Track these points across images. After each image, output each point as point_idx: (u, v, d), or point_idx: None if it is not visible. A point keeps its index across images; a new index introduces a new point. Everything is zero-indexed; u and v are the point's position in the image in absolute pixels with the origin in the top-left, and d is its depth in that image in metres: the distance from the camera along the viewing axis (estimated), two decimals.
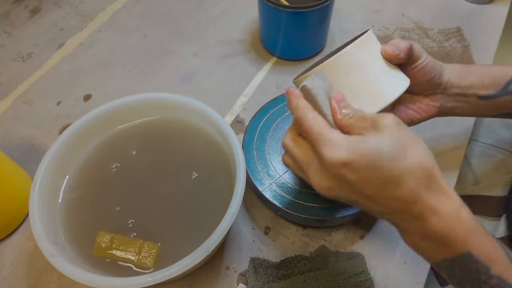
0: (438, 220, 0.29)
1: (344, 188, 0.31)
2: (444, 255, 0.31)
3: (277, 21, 0.59)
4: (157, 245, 0.40)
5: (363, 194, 0.31)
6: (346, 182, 0.30)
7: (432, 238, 0.30)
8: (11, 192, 0.47)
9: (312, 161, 0.32)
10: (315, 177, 0.32)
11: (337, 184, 0.31)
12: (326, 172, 0.31)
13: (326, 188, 0.32)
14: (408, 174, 0.29)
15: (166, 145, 0.48)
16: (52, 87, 0.63)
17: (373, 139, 0.30)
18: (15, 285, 0.45)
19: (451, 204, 0.30)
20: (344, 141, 0.30)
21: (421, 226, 0.30)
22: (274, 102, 0.53)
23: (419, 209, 0.30)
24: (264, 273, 0.44)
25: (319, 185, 0.32)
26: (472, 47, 0.67)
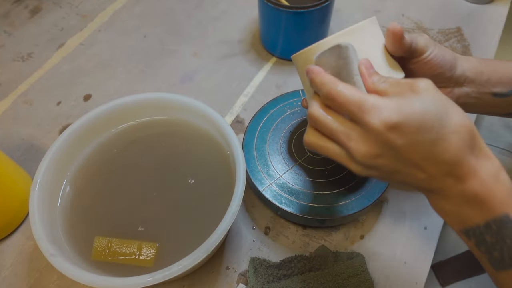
0: (478, 182, 0.29)
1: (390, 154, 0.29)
2: (477, 220, 0.30)
3: (277, 21, 0.59)
4: (156, 245, 0.40)
5: (410, 159, 0.29)
6: (394, 146, 0.28)
7: (468, 201, 0.30)
8: (11, 192, 0.47)
9: (352, 131, 0.30)
10: (357, 146, 0.29)
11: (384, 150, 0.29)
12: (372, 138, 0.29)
13: (370, 157, 0.29)
14: (455, 135, 0.29)
15: (166, 145, 0.48)
16: (52, 87, 0.63)
17: (418, 101, 0.28)
18: (15, 285, 0.45)
19: (491, 165, 0.29)
20: (389, 104, 0.28)
21: (460, 189, 0.30)
22: (274, 102, 0.53)
23: (462, 171, 0.29)
24: (264, 273, 0.44)
25: (363, 155, 0.29)
26: (472, 47, 0.67)
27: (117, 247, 0.40)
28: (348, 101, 0.29)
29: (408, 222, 0.49)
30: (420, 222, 0.49)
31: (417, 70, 0.39)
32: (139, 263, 0.39)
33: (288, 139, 0.50)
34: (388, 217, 0.50)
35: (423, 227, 0.49)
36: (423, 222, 0.49)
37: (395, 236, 0.48)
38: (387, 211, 0.50)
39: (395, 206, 0.50)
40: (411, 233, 0.48)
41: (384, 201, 0.51)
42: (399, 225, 0.49)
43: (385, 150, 0.29)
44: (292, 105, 0.53)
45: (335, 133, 0.31)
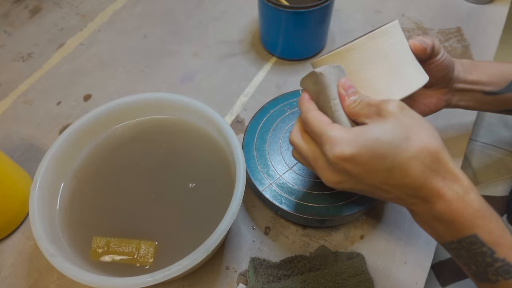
0: (444, 204, 0.30)
1: (351, 180, 0.32)
2: (450, 237, 0.31)
3: (277, 21, 0.59)
4: (155, 243, 0.40)
5: (370, 184, 0.31)
6: (352, 175, 0.31)
7: (439, 220, 0.31)
8: (11, 192, 0.47)
9: (319, 157, 0.33)
10: (323, 172, 0.33)
11: (344, 177, 0.32)
12: (332, 167, 0.32)
13: (334, 182, 0.33)
14: (414, 160, 0.29)
15: (166, 145, 0.48)
16: (52, 87, 0.63)
17: (376, 128, 0.30)
18: (15, 285, 0.45)
19: (458, 187, 0.30)
20: (345, 136, 0.30)
21: (429, 209, 0.31)
22: (274, 102, 0.53)
23: (426, 193, 0.30)
24: (264, 273, 0.44)
25: (327, 180, 0.33)
26: (472, 47, 0.67)
27: (116, 247, 0.40)
28: (314, 129, 0.33)
29: (408, 222, 0.49)
30: None
31: (432, 71, 0.42)
32: (138, 262, 0.39)
33: (288, 139, 0.50)
34: (388, 217, 0.50)
35: None
36: None
37: (395, 236, 0.48)
38: (387, 211, 0.50)
39: (395, 206, 0.50)
40: (411, 233, 0.48)
41: (384, 201, 0.51)
42: (399, 225, 0.49)
43: (345, 177, 0.32)
44: (292, 105, 0.53)
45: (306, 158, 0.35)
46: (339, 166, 0.30)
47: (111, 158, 0.46)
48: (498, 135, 0.65)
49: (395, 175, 0.30)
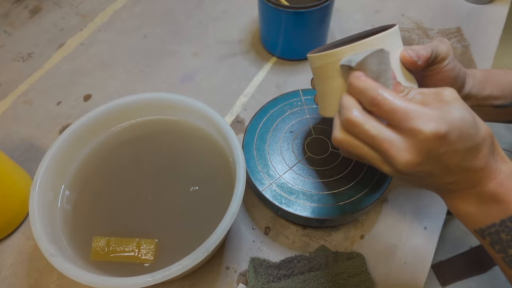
0: (496, 183, 0.31)
1: (430, 161, 0.29)
2: (492, 219, 0.31)
3: (277, 21, 0.59)
4: (155, 241, 0.40)
5: (446, 165, 0.30)
6: (437, 154, 0.29)
7: (485, 202, 0.31)
8: (11, 192, 0.47)
9: (395, 138, 0.29)
10: (401, 154, 0.29)
11: (426, 159, 0.29)
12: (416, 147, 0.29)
13: (413, 165, 0.29)
14: (484, 142, 0.30)
15: (166, 145, 0.48)
16: (52, 87, 0.63)
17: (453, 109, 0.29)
18: (15, 285, 0.45)
19: (507, 167, 0.31)
20: (434, 113, 0.28)
21: (480, 191, 0.31)
22: (274, 102, 0.53)
23: (484, 174, 0.31)
24: (264, 273, 0.44)
25: (406, 163, 0.29)
26: (472, 47, 0.67)
27: (116, 246, 0.40)
28: (394, 108, 0.29)
29: (408, 222, 0.49)
30: (420, 222, 0.49)
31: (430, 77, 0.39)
32: (139, 260, 0.39)
33: (288, 139, 0.50)
34: (388, 217, 0.50)
35: (423, 227, 0.49)
36: (423, 222, 0.49)
37: (395, 236, 0.48)
38: (387, 211, 0.50)
39: (395, 206, 0.50)
40: (411, 233, 0.48)
41: (384, 201, 0.51)
42: (399, 225, 0.49)
43: (428, 158, 0.29)
44: (292, 105, 0.53)
45: (376, 140, 0.30)
46: (430, 144, 0.28)
47: (111, 158, 0.46)
48: (499, 135, 0.65)
49: (470, 156, 0.30)
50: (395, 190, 0.52)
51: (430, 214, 0.50)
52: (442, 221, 0.49)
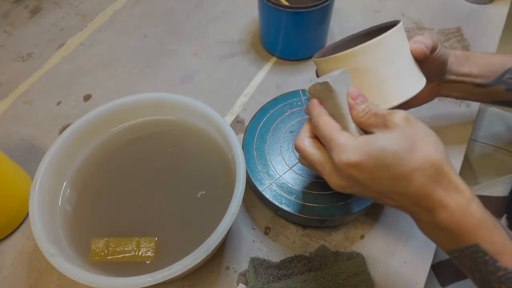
0: (446, 214, 0.30)
1: (356, 186, 0.33)
2: (453, 246, 0.32)
3: (277, 21, 0.59)
4: (154, 239, 0.40)
5: (375, 190, 0.32)
6: (357, 180, 0.32)
7: (442, 230, 0.31)
8: (11, 192, 0.47)
9: (326, 162, 0.34)
10: (329, 177, 0.34)
11: (350, 183, 0.33)
12: (338, 173, 0.33)
13: (340, 187, 0.34)
14: (417, 171, 0.30)
15: (166, 145, 0.48)
16: (52, 87, 0.63)
17: (382, 139, 0.31)
18: (15, 285, 0.45)
19: (460, 198, 0.30)
20: (352, 144, 0.31)
21: (431, 218, 0.31)
22: (274, 102, 0.53)
23: (429, 203, 0.31)
24: (264, 273, 0.44)
25: (334, 185, 0.34)
26: (472, 47, 0.67)
27: (116, 246, 0.40)
28: (323, 135, 0.34)
29: (408, 222, 0.49)
30: None
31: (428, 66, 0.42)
32: (140, 258, 0.39)
33: (288, 139, 0.50)
34: (388, 217, 0.50)
35: None
36: None
37: (395, 236, 0.48)
38: (387, 211, 0.50)
39: None
40: (411, 233, 0.48)
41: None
42: (399, 225, 0.49)
43: (351, 182, 0.33)
44: (292, 105, 0.53)
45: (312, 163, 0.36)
46: (346, 172, 0.32)
47: (111, 158, 0.46)
48: (498, 135, 0.65)
49: (399, 184, 0.31)
50: None
51: None
52: None
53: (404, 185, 0.30)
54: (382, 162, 0.30)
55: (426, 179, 0.30)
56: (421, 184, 0.30)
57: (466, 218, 0.30)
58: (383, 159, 0.30)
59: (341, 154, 0.31)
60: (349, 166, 0.31)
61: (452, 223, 0.30)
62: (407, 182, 0.30)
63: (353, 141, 0.32)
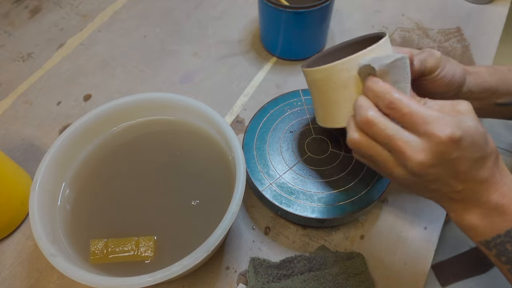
0: (499, 194, 0.31)
1: (443, 165, 0.30)
2: (497, 230, 0.32)
3: (277, 21, 0.59)
4: (153, 237, 0.41)
5: (455, 171, 0.31)
6: (449, 158, 0.30)
7: (490, 213, 0.32)
8: (11, 192, 0.47)
9: (411, 139, 0.30)
10: (415, 155, 0.30)
11: (439, 161, 0.30)
12: (431, 149, 0.30)
13: (426, 166, 0.30)
14: (492, 154, 0.31)
15: (166, 145, 0.48)
16: (52, 87, 0.63)
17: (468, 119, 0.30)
18: (15, 285, 0.45)
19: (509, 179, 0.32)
20: (450, 119, 0.30)
21: (484, 202, 0.32)
22: (274, 102, 0.53)
23: (489, 185, 0.31)
24: (264, 273, 0.44)
25: (419, 163, 0.30)
26: (472, 47, 0.67)
27: (115, 247, 0.40)
28: (411, 112, 0.30)
29: (408, 222, 0.49)
30: (420, 222, 0.49)
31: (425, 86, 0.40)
32: (139, 258, 0.39)
33: (288, 139, 0.50)
34: (388, 217, 0.50)
35: (423, 227, 0.49)
36: (423, 222, 0.49)
37: (395, 236, 0.48)
38: (387, 211, 0.50)
39: (395, 206, 0.50)
40: (411, 233, 0.48)
41: (384, 201, 0.51)
42: (399, 225, 0.49)
43: (440, 160, 0.30)
44: (292, 105, 0.53)
45: (392, 139, 0.31)
46: (444, 147, 0.29)
47: (111, 158, 0.46)
48: (499, 135, 0.65)
49: (477, 165, 0.31)
50: (395, 190, 0.52)
51: (430, 214, 0.50)
52: (442, 221, 0.49)
53: (480, 166, 0.31)
54: (476, 140, 0.30)
55: (493, 162, 0.31)
56: (490, 167, 0.31)
57: None
58: (477, 139, 0.30)
59: (444, 127, 0.29)
60: (453, 141, 0.29)
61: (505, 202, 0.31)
62: (483, 164, 0.31)
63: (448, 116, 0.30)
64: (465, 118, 0.30)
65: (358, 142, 0.33)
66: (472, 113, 0.31)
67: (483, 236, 0.33)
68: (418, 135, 0.30)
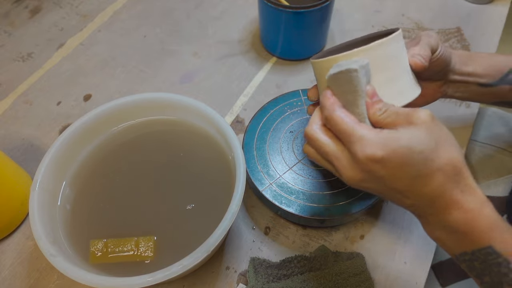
0: (460, 214, 0.30)
1: (373, 181, 0.31)
2: (464, 248, 0.31)
3: (277, 21, 0.59)
4: (153, 237, 0.41)
5: (392, 188, 0.31)
6: (377, 176, 0.31)
7: (453, 231, 0.31)
8: (11, 192, 0.47)
9: (342, 154, 0.32)
10: (345, 170, 0.32)
11: (367, 177, 0.31)
12: (357, 166, 0.31)
13: (356, 181, 0.32)
14: (439, 172, 0.30)
15: (166, 145, 0.48)
16: (52, 87, 0.63)
17: (406, 136, 0.30)
18: (15, 285, 0.45)
19: (475, 199, 0.31)
20: (376, 138, 0.30)
21: (444, 219, 0.31)
22: (274, 102, 0.53)
23: (444, 203, 0.31)
24: (264, 273, 0.44)
25: (348, 178, 0.32)
26: (472, 47, 0.67)
27: (114, 247, 0.40)
28: (341, 128, 0.32)
29: (408, 222, 0.49)
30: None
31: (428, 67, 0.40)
32: (139, 258, 0.39)
33: (288, 139, 0.50)
34: (388, 217, 0.50)
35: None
36: None
37: (395, 236, 0.48)
38: (387, 211, 0.50)
39: (395, 206, 0.50)
40: (411, 233, 0.48)
41: (384, 201, 0.51)
42: (399, 225, 0.49)
43: (369, 177, 0.31)
44: (292, 105, 0.53)
45: (327, 155, 0.33)
46: (367, 166, 0.30)
47: (110, 158, 0.46)
48: (498, 135, 0.65)
49: (418, 183, 0.30)
50: None
51: None
52: None
53: (424, 184, 0.30)
54: (407, 161, 0.29)
55: (445, 179, 0.30)
56: (439, 184, 0.30)
57: (480, 219, 0.30)
58: (409, 158, 0.29)
59: (365, 147, 0.30)
60: (373, 161, 0.30)
61: (466, 224, 0.30)
62: (427, 182, 0.30)
63: (377, 135, 0.30)
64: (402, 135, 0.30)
65: (307, 152, 0.37)
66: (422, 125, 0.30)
67: (451, 250, 0.33)
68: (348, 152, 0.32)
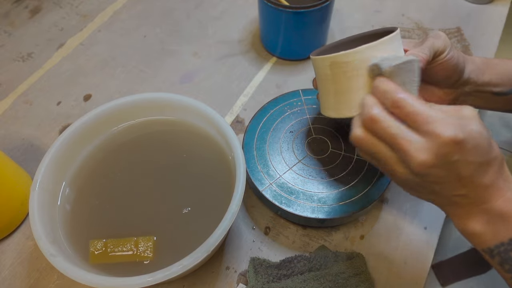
0: (503, 201, 0.31)
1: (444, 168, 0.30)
2: (501, 239, 0.32)
3: (277, 21, 0.59)
4: (153, 238, 0.41)
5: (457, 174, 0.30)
6: (450, 161, 0.30)
7: (494, 221, 0.31)
8: (11, 192, 0.47)
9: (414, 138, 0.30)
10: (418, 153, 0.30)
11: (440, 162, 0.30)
12: (433, 150, 0.29)
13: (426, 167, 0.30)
14: (495, 160, 0.31)
15: (166, 145, 0.48)
16: (52, 87, 0.63)
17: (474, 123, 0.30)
18: (15, 285, 0.45)
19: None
20: (454, 120, 0.29)
21: (486, 208, 0.31)
22: (274, 102, 0.53)
23: (493, 192, 0.31)
24: (264, 273, 0.44)
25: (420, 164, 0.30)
26: (472, 47, 0.67)
27: (114, 247, 0.40)
28: (415, 111, 0.30)
29: (408, 222, 0.49)
30: (420, 222, 0.49)
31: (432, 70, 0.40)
32: (139, 258, 0.39)
33: (288, 139, 0.50)
34: (388, 217, 0.50)
35: (423, 227, 0.49)
36: (423, 222, 0.49)
37: (395, 236, 0.48)
38: (387, 211, 0.50)
39: (395, 206, 0.50)
40: (411, 233, 0.48)
41: (384, 201, 0.51)
42: (399, 225, 0.49)
43: (442, 162, 0.30)
44: (292, 105, 0.53)
45: (395, 138, 0.31)
46: (444, 149, 0.29)
47: (110, 158, 0.46)
48: (498, 135, 0.65)
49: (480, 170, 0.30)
50: (395, 190, 0.52)
51: (430, 214, 0.50)
52: (442, 221, 0.49)
53: (484, 171, 0.30)
54: (479, 145, 0.29)
55: (498, 168, 0.31)
56: (494, 173, 0.31)
57: None
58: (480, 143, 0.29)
59: (446, 128, 0.29)
60: (454, 142, 0.29)
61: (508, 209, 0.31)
62: (487, 169, 0.31)
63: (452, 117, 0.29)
64: (470, 121, 0.30)
65: (361, 139, 0.33)
66: (476, 118, 0.30)
67: (486, 243, 0.33)
68: (422, 134, 0.30)
